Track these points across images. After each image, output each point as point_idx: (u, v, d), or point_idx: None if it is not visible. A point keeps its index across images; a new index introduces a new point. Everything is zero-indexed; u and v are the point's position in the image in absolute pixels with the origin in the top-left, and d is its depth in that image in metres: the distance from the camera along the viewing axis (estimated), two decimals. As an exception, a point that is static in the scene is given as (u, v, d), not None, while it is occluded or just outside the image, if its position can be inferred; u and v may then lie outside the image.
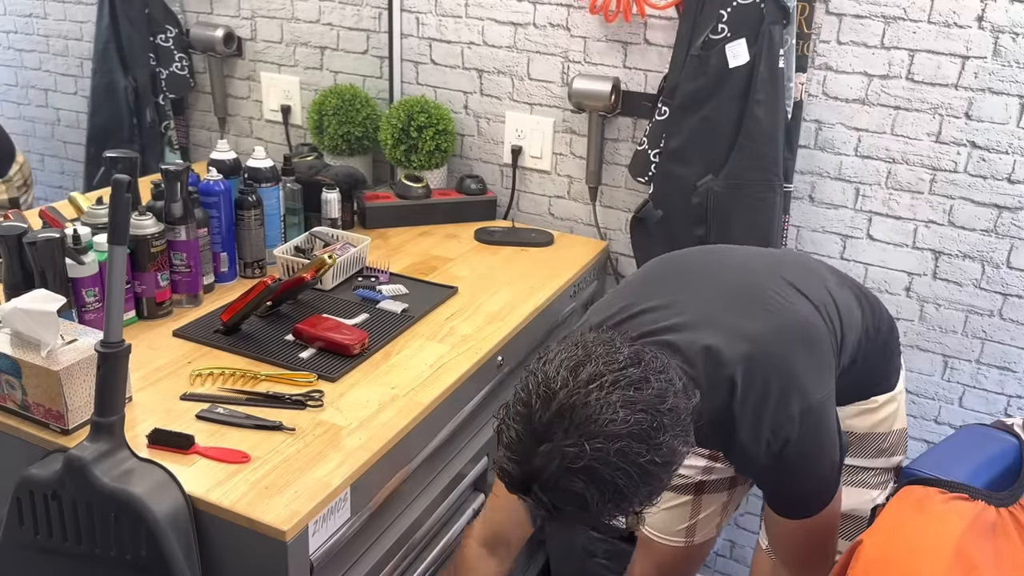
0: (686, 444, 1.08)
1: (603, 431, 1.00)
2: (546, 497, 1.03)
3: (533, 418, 1.04)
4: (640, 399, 1.03)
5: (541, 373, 1.07)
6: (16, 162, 2.01)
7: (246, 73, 2.44)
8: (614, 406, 1.01)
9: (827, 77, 1.89)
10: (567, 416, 1.02)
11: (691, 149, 1.88)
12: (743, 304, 1.24)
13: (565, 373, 1.05)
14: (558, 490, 1.02)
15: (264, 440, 1.30)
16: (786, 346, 1.20)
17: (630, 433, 1.01)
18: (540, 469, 1.02)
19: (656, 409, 1.03)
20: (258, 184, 1.83)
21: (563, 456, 1.01)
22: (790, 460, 1.20)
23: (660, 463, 1.03)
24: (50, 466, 1.17)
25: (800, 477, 1.24)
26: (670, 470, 1.07)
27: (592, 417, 1.01)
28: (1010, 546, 1.21)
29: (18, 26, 2.27)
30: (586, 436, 1.00)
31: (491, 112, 2.26)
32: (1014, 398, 1.94)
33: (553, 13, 2.10)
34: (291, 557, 1.16)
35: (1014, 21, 1.71)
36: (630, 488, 1.02)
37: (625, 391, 1.03)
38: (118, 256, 1.15)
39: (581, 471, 1.00)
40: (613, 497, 1.02)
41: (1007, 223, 1.83)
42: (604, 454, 1.00)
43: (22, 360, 1.26)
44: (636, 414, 1.01)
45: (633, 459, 1.01)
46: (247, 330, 1.60)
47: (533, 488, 1.04)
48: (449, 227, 2.18)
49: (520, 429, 1.05)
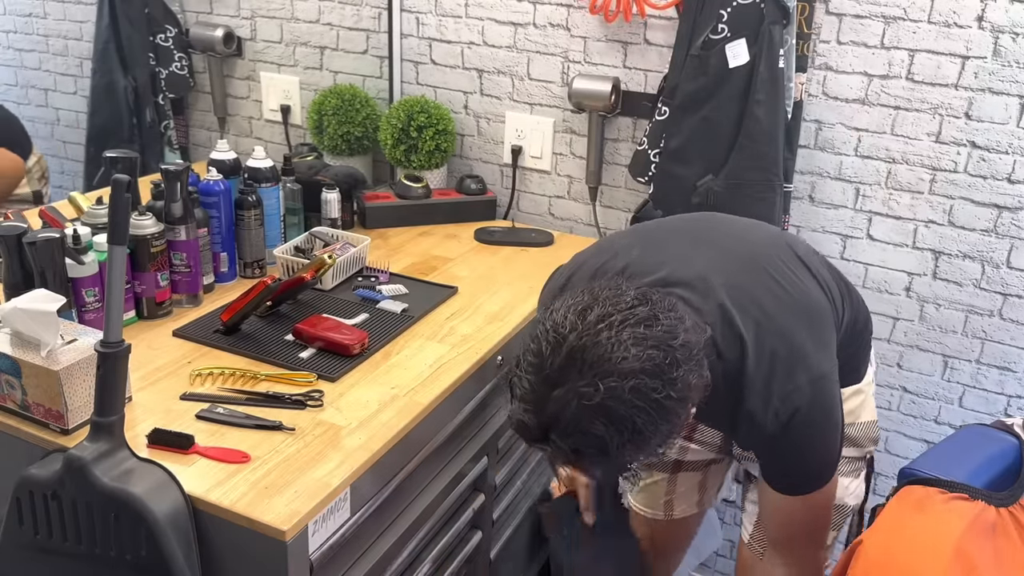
0: (701, 378, 1.06)
1: (616, 369, 0.99)
2: (565, 443, 1.02)
3: (545, 365, 1.02)
4: (651, 335, 1.02)
5: (549, 321, 1.06)
6: (33, 155, 2.02)
7: (246, 73, 2.44)
8: (625, 344, 1.00)
9: (827, 77, 1.89)
10: (578, 358, 1.00)
11: (691, 149, 1.88)
12: (752, 272, 1.23)
13: (573, 317, 1.03)
14: (577, 434, 1.01)
15: (264, 440, 1.30)
16: (793, 319, 1.20)
17: (643, 369, 1.00)
18: (557, 415, 1.01)
19: (668, 345, 1.02)
20: (258, 184, 1.83)
21: (579, 397, 0.99)
22: (797, 430, 1.19)
23: (676, 398, 1.02)
24: (50, 466, 1.17)
25: (806, 449, 1.24)
26: (687, 406, 1.06)
27: (604, 356, 0.99)
28: (1010, 546, 1.21)
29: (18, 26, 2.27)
30: (600, 376, 0.99)
31: (491, 112, 2.26)
32: (1014, 398, 1.94)
33: (553, 13, 2.10)
34: (291, 557, 1.16)
35: (1014, 21, 1.71)
36: (648, 426, 1.01)
37: (635, 328, 1.02)
38: (118, 256, 1.15)
39: (598, 411, 0.99)
40: (632, 437, 1.01)
41: (1007, 223, 1.83)
42: (619, 392, 0.99)
43: (22, 360, 1.26)
44: (648, 350, 1.00)
45: (649, 395, 1.00)
46: (247, 330, 1.60)
47: (551, 436, 1.03)
48: (449, 227, 2.18)
49: (533, 378, 1.04)
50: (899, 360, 2.02)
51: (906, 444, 2.08)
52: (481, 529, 1.72)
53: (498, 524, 1.80)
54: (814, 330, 1.21)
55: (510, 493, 1.83)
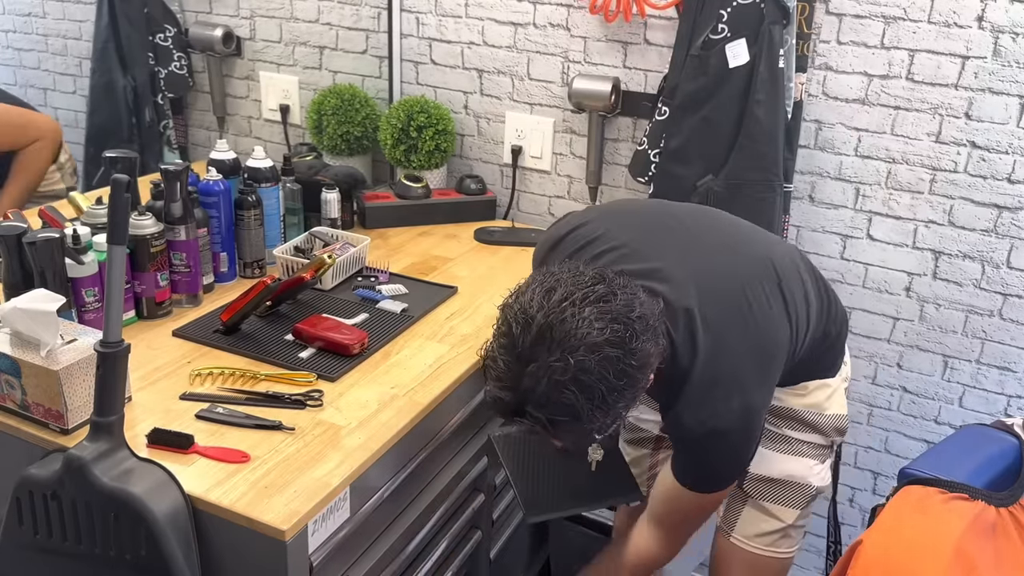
0: (657, 346, 1.18)
1: (583, 343, 1.09)
2: (541, 414, 1.12)
3: (517, 344, 1.12)
4: (610, 310, 1.12)
5: (517, 304, 1.15)
6: (64, 151, 2.05)
7: (245, 72, 2.44)
8: (588, 320, 1.10)
9: (827, 77, 1.89)
10: (547, 335, 1.10)
11: (691, 149, 1.88)
12: (731, 294, 1.30)
13: (539, 298, 1.14)
14: (551, 405, 1.11)
15: (264, 440, 1.30)
16: (748, 354, 1.28)
17: (607, 341, 1.10)
18: (531, 389, 1.11)
19: (627, 318, 1.13)
20: (258, 184, 1.83)
21: (550, 371, 1.09)
22: (714, 442, 1.29)
23: (637, 366, 1.13)
24: (50, 466, 1.17)
25: (714, 459, 1.34)
26: (647, 372, 1.17)
27: (571, 332, 1.10)
28: (1010, 546, 1.21)
29: (17, 25, 2.27)
30: (568, 350, 1.09)
31: (491, 112, 2.26)
32: (1014, 398, 1.94)
33: (553, 13, 2.10)
34: (290, 557, 1.16)
35: (1014, 21, 1.71)
36: (614, 392, 1.12)
37: (596, 304, 1.12)
38: (117, 256, 1.15)
39: (569, 383, 1.09)
40: (600, 403, 1.11)
41: (1007, 223, 1.83)
42: (587, 364, 1.09)
43: (22, 360, 1.26)
44: (610, 324, 1.11)
45: (613, 365, 1.10)
46: (247, 330, 1.60)
47: (527, 409, 1.13)
48: (449, 227, 2.18)
49: (506, 358, 1.13)
50: (899, 360, 2.02)
51: (906, 444, 2.08)
52: (481, 529, 1.72)
53: (498, 524, 1.80)
54: (763, 368, 1.31)
55: (510, 493, 1.83)
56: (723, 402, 1.26)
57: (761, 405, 1.32)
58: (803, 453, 1.50)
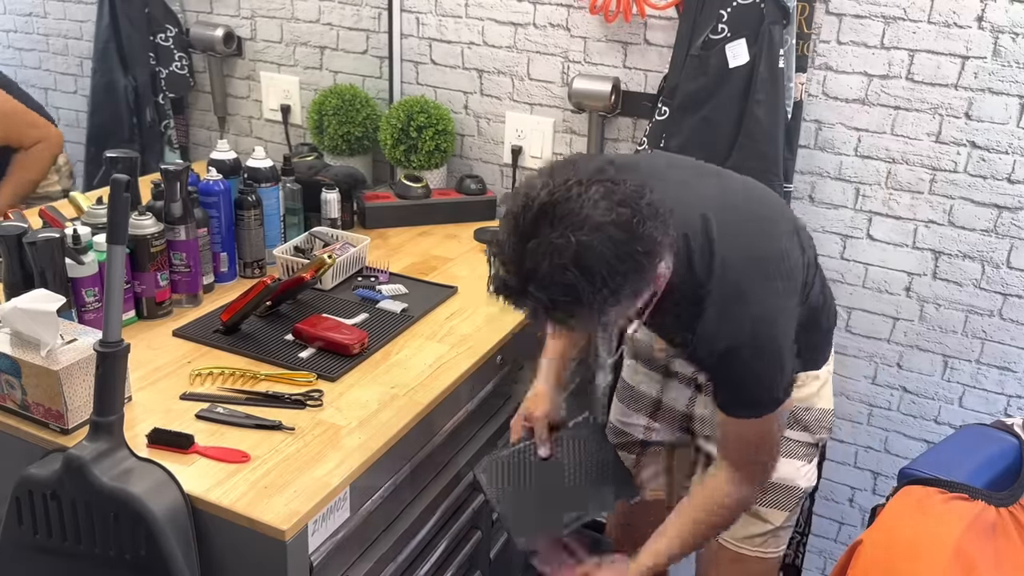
0: (667, 236, 1.12)
1: (587, 222, 1.05)
2: (542, 294, 1.07)
3: (519, 223, 1.08)
4: (619, 191, 1.08)
5: (523, 187, 1.11)
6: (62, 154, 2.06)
7: (246, 73, 2.44)
8: (594, 200, 1.06)
9: (827, 77, 1.89)
10: (550, 212, 1.06)
11: (691, 149, 1.88)
12: (746, 209, 1.29)
13: (544, 179, 1.09)
14: (552, 285, 1.06)
15: (264, 440, 1.30)
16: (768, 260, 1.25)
17: (613, 222, 1.05)
18: (533, 269, 1.07)
19: (635, 202, 1.08)
20: (258, 184, 1.83)
21: (552, 248, 1.05)
22: (743, 357, 1.24)
23: (643, 252, 1.08)
24: (49, 466, 1.17)
25: (748, 377, 1.28)
26: (653, 261, 1.11)
27: (575, 211, 1.05)
28: (1010, 546, 1.21)
29: (18, 25, 2.27)
30: (571, 228, 1.05)
31: (491, 112, 2.26)
32: (1014, 398, 1.94)
33: (553, 13, 2.10)
34: (290, 556, 1.16)
35: (1014, 21, 1.71)
36: (616, 278, 1.07)
37: (603, 185, 1.08)
38: (117, 256, 1.15)
39: (571, 262, 1.05)
40: (602, 287, 1.06)
41: (1007, 223, 1.83)
42: (590, 242, 1.05)
43: (22, 360, 1.26)
44: (617, 207, 1.06)
45: (618, 247, 1.06)
46: (247, 330, 1.60)
47: (529, 289, 1.08)
48: (449, 227, 2.18)
49: (509, 237, 1.09)
50: (899, 360, 2.02)
51: (906, 444, 2.08)
52: (481, 529, 1.72)
53: (498, 524, 1.80)
54: (785, 281, 1.26)
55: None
56: (747, 314, 1.22)
57: (783, 318, 1.26)
58: (792, 453, 1.48)
